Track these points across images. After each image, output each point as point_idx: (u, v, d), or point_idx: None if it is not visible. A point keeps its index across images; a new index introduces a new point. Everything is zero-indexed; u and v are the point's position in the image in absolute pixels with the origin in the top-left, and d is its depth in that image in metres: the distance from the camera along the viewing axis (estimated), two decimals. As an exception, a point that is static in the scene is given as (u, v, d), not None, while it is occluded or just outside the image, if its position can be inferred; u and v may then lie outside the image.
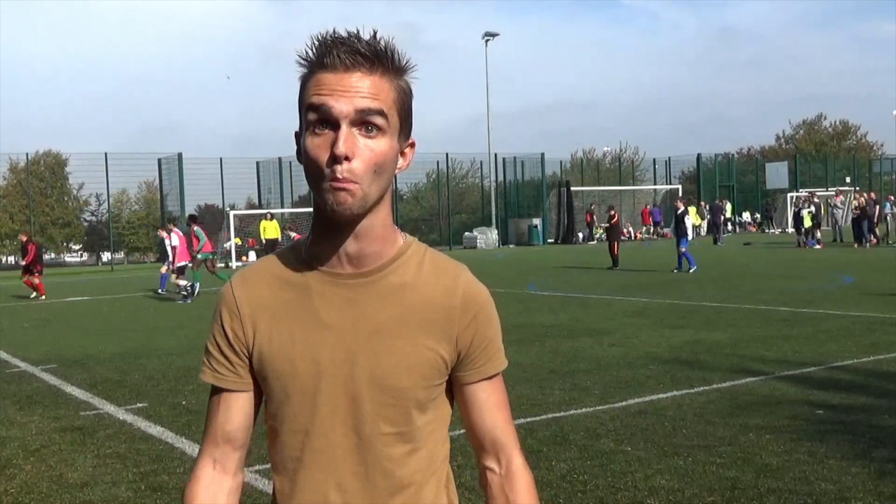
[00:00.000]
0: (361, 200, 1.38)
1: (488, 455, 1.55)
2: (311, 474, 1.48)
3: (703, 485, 4.96)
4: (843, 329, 10.67)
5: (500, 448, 1.54)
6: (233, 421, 1.52)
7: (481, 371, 1.52)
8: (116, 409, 7.64)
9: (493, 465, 1.55)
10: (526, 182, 45.66)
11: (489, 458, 1.55)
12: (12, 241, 43.74)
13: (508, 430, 1.55)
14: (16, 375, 9.69)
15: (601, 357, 9.34)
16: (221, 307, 1.52)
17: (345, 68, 1.37)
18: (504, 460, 1.54)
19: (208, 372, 1.53)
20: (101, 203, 43.67)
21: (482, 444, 1.55)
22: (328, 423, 1.46)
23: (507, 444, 1.54)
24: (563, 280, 20.29)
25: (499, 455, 1.54)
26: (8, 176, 42.36)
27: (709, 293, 15.67)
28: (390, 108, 1.39)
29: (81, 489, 5.37)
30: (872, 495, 4.67)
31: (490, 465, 1.55)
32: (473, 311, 1.49)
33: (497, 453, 1.54)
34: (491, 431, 1.54)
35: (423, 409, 1.49)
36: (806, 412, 6.55)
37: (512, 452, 1.55)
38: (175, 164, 36.28)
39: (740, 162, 58.81)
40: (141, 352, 10.97)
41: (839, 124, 71.94)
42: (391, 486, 1.48)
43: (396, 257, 1.49)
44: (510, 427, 1.56)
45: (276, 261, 1.54)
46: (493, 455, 1.55)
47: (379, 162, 1.38)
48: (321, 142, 1.37)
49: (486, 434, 1.54)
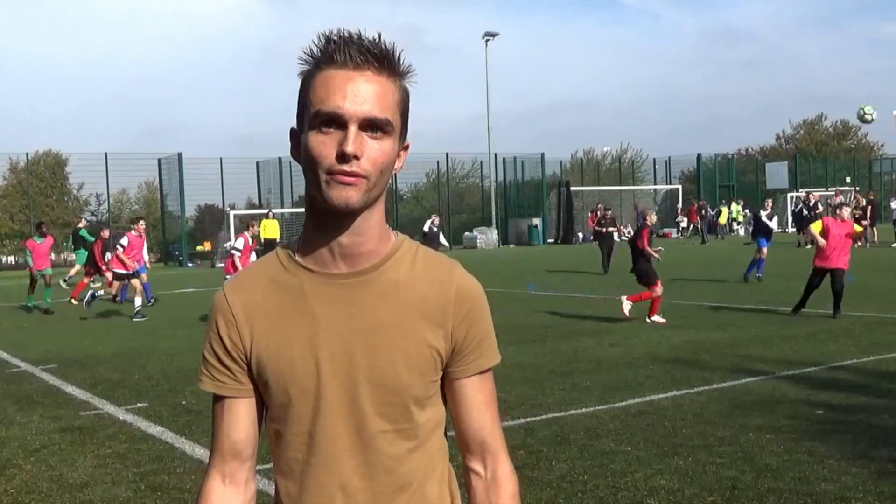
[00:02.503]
0: (365, 195, 1.39)
1: (474, 457, 1.54)
2: (315, 476, 1.48)
3: (703, 485, 4.96)
4: (843, 329, 10.67)
5: (487, 451, 1.53)
6: (238, 429, 1.51)
7: (473, 366, 1.51)
8: (116, 409, 7.64)
9: (478, 468, 1.54)
10: (526, 182, 45.67)
11: (475, 461, 1.54)
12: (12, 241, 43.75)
13: (496, 432, 1.54)
14: (16, 375, 9.69)
15: (601, 357, 9.34)
16: (216, 315, 1.51)
17: (355, 66, 1.37)
18: (490, 465, 1.53)
19: (208, 381, 1.52)
20: (101, 203, 43.66)
21: (468, 445, 1.54)
22: (330, 424, 1.46)
23: (494, 447, 1.53)
24: (563, 280, 20.29)
25: (485, 458, 1.53)
26: (8, 176, 42.32)
27: (709, 293, 15.67)
28: (394, 112, 1.40)
29: (81, 489, 5.37)
30: (872, 495, 4.67)
31: (475, 467, 1.54)
32: (467, 305, 1.49)
33: (483, 456, 1.53)
34: (479, 432, 1.53)
35: (423, 406, 1.49)
36: (806, 412, 6.55)
37: (498, 457, 1.53)
38: (175, 164, 36.27)
39: (740, 162, 58.80)
40: (141, 352, 10.97)
41: (839, 124, 71.94)
42: (394, 484, 1.48)
43: (390, 255, 1.49)
44: (497, 429, 1.55)
45: (268, 263, 1.53)
46: (479, 457, 1.54)
47: (384, 162, 1.40)
48: (327, 139, 1.37)
49: (473, 434, 1.53)
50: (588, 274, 21.96)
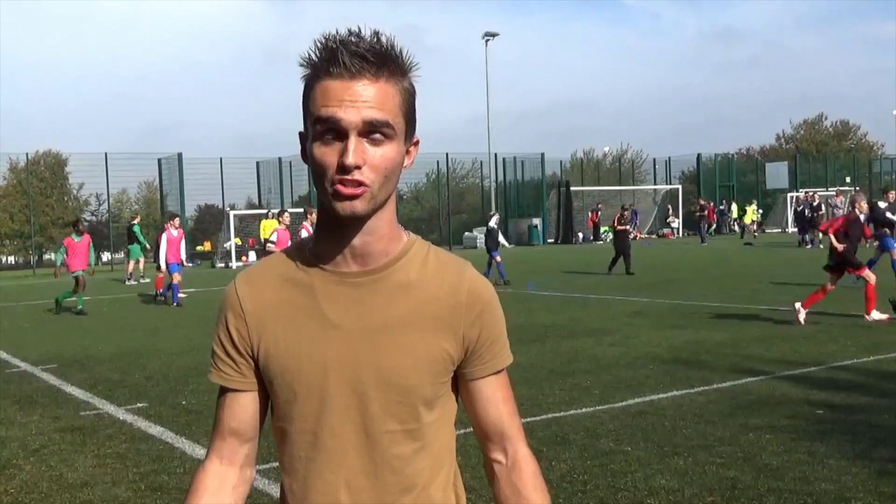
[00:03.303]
0: (370, 203, 1.39)
1: (495, 447, 1.57)
2: (320, 474, 1.48)
3: (703, 485, 4.96)
4: (843, 329, 10.67)
5: (507, 440, 1.57)
6: (238, 418, 1.53)
7: (488, 367, 1.53)
8: (116, 409, 7.64)
9: (499, 456, 1.57)
10: (526, 182, 45.66)
11: (496, 450, 1.57)
12: (12, 241, 43.76)
13: (514, 422, 1.57)
14: (16, 375, 9.69)
15: (601, 357, 9.34)
16: (226, 308, 1.52)
17: (350, 75, 1.36)
18: (510, 451, 1.57)
19: (215, 372, 1.54)
20: (101, 203, 43.70)
21: (488, 437, 1.57)
22: (336, 422, 1.46)
23: (512, 436, 1.57)
24: (563, 280, 20.28)
25: (505, 446, 1.57)
26: (8, 176, 42.34)
27: (709, 293, 15.67)
28: (396, 114, 1.39)
29: (81, 489, 5.37)
30: (872, 495, 4.67)
31: (497, 456, 1.57)
32: (479, 307, 1.49)
33: (504, 445, 1.57)
34: (497, 424, 1.56)
35: (431, 407, 1.49)
36: (806, 412, 6.55)
37: (518, 443, 1.57)
38: (175, 164, 36.28)
39: (740, 162, 58.80)
40: (141, 352, 10.97)
41: (839, 124, 71.96)
42: (400, 484, 1.48)
43: (401, 255, 1.49)
44: (516, 419, 1.58)
45: (280, 260, 1.54)
46: (499, 447, 1.57)
47: (387, 167, 1.39)
48: (329, 150, 1.37)
49: (492, 427, 1.56)
50: (588, 274, 21.96)
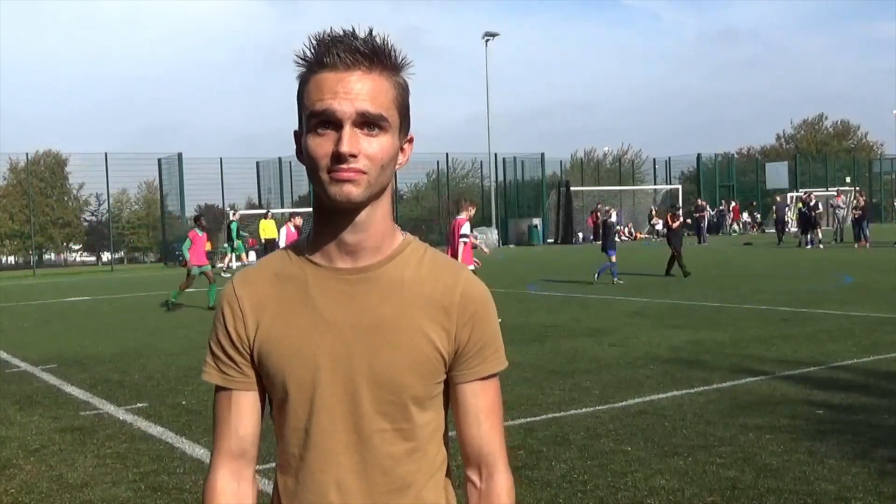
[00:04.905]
0: (366, 190, 1.39)
1: (471, 466, 1.53)
2: (312, 473, 1.47)
3: (703, 485, 4.95)
4: (843, 329, 10.66)
5: (483, 461, 1.51)
6: (245, 423, 1.51)
7: (474, 371, 1.50)
8: (116, 409, 7.64)
9: (475, 478, 1.52)
10: (526, 182, 45.68)
11: (471, 470, 1.53)
12: (12, 241, 43.77)
13: (494, 441, 1.51)
14: (16, 375, 9.69)
15: (601, 357, 9.33)
16: (224, 307, 1.52)
17: (345, 67, 1.38)
18: (485, 475, 1.52)
19: (214, 373, 1.52)
20: (101, 203, 43.73)
21: (467, 454, 1.53)
22: (327, 420, 1.45)
23: (491, 458, 1.51)
24: (563, 280, 20.29)
25: (481, 468, 1.52)
26: (8, 176, 42.40)
27: (709, 293, 15.67)
28: (390, 107, 1.40)
29: (81, 489, 5.37)
30: (872, 495, 4.67)
31: (472, 477, 1.53)
32: (472, 309, 1.48)
33: (479, 466, 1.52)
34: (476, 440, 1.51)
35: (423, 407, 1.48)
36: (806, 412, 6.55)
37: (494, 466, 1.51)
38: (175, 164, 36.32)
39: (740, 162, 58.83)
40: (141, 352, 10.96)
41: (839, 124, 71.97)
42: (391, 484, 1.47)
43: (396, 254, 1.49)
44: (496, 438, 1.52)
45: (277, 258, 1.54)
46: (475, 467, 1.52)
47: (383, 158, 1.40)
48: (324, 141, 1.38)
49: (471, 443, 1.51)
50: (588, 274, 21.95)
